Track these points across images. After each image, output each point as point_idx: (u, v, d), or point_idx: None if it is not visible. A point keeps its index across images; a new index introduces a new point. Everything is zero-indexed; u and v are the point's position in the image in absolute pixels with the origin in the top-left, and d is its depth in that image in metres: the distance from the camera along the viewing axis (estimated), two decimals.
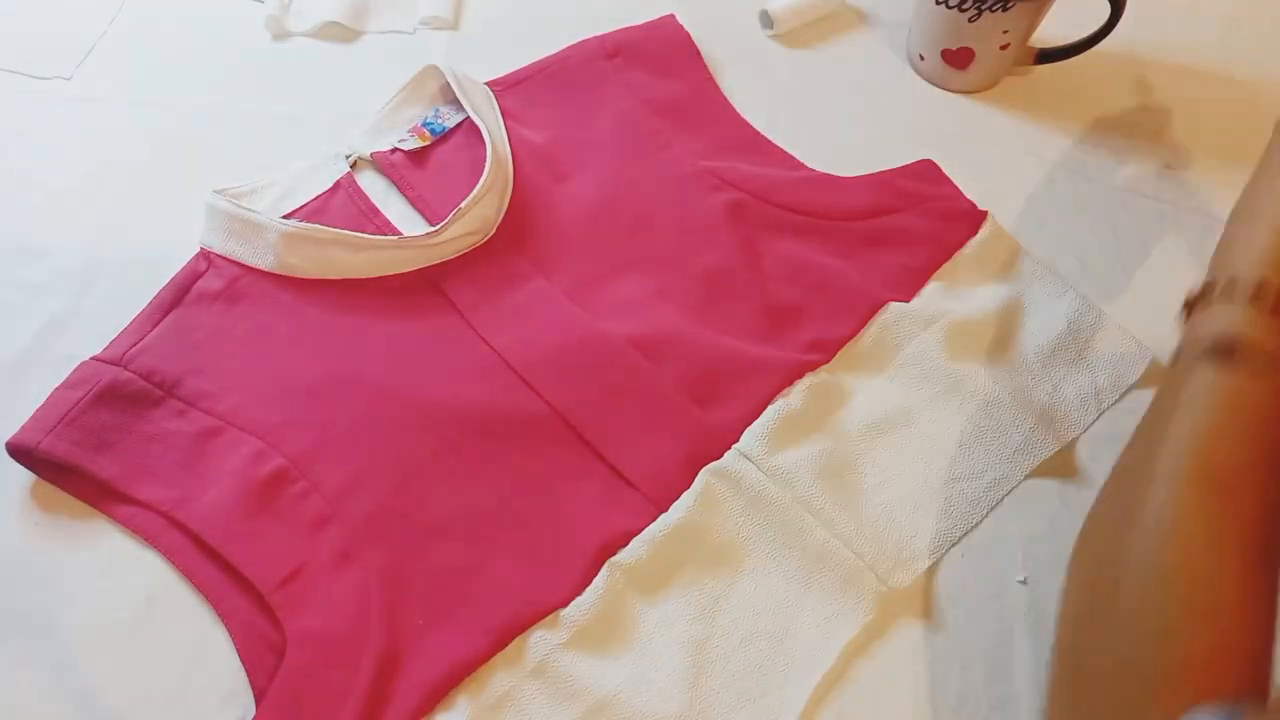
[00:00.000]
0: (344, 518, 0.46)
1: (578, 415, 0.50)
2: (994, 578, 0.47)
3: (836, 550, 0.46)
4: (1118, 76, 0.67)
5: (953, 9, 0.61)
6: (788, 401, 0.50)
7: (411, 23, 0.70)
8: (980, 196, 0.59)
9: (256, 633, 0.44)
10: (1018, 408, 0.51)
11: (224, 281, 0.54)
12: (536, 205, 0.58)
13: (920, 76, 0.67)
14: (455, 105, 0.63)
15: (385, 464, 0.48)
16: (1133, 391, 0.52)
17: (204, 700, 0.43)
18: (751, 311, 0.54)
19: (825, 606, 0.45)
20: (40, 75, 0.66)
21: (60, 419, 0.48)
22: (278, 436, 0.48)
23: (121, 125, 0.63)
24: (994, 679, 0.45)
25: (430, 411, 0.50)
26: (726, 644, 0.45)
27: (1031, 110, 0.65)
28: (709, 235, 0.56)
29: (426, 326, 0.53)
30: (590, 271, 0.56)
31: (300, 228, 0.54)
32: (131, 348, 0.51)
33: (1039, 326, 0.54)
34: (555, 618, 0.45)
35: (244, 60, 0.67)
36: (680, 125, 0.62)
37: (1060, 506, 0.49)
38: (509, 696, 0.43)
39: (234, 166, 0.60)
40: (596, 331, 0.52)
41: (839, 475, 0.49)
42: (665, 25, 0.67)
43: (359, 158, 0.61)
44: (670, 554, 0.46)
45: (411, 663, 0.43)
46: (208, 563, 0.46)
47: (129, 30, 0.69)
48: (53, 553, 0.47)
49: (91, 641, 0.45)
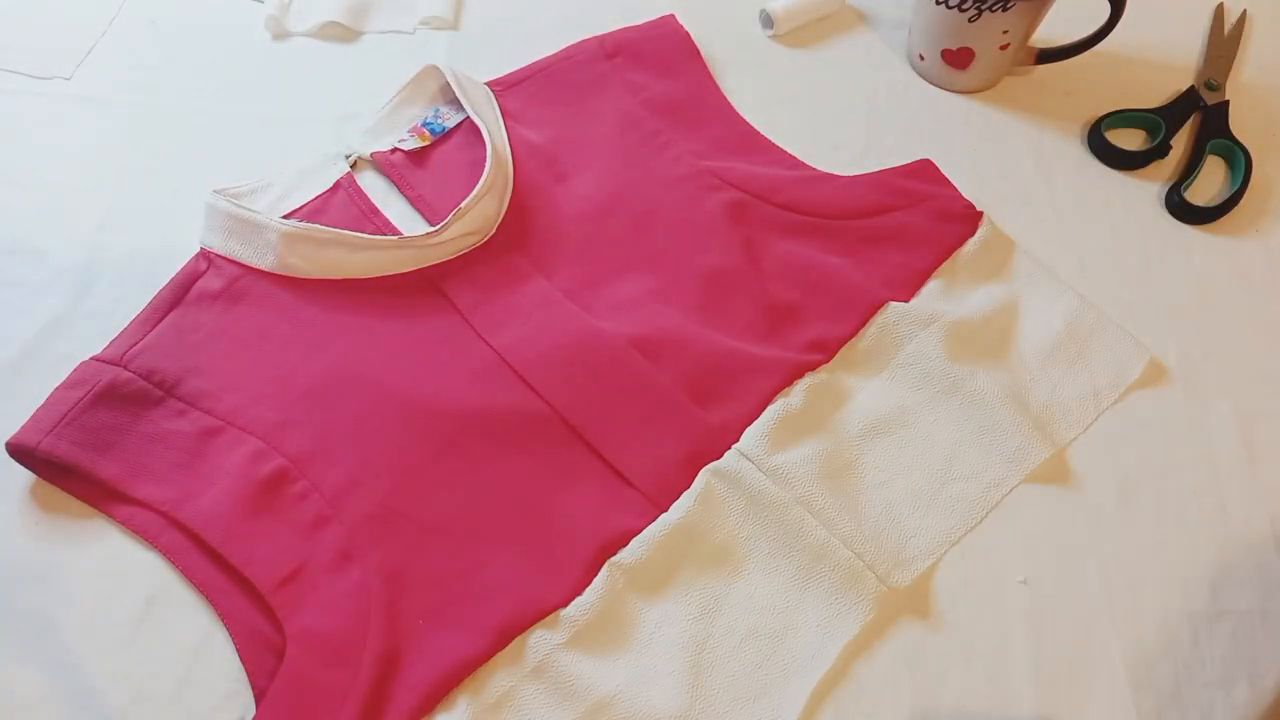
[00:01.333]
0: (344, 517, 0.46)
1: (578, 415, 0.50)
2: (994, 578, 0.47)
3: (836, 550, 0.46)
4: (1118, 76, 0.67)
5: (953, 9, 0.61)
6: (788, 401, 0.50)
7: (411, 23, 0.70)
8: (980, 196, 0.59)
9: (256, 633, 0.44)
10: (1017, 408, 0.51)
11: (224, 281, 0.54)
12: (536, 205, 0.58)
13: (920, 76, 0.67)
14: (455, 105, 0.63)
15: (385, 464, 0.48)
16: (1132, 391, 0.53)
17: (204, 700, 0.43)
18: (751, 311, 0.54)
19: (825, 606, 0.45)
20: (40, 75, 0.65)
21: (60, 419, 0.48)
22: (277, 436, 0.48)
23: (121, 125, 0.63)
24: (994, 679, 0.45)
25: (430, 411, 0.50)
26: (726, 644, 0.45)
27: (1031, 110, 0.65)
28: (709, 235, 0.56)
29: (426, 326, 0.53)
30: (590, 271, 0.56)
31: (300, 228, 0.54)
32: (131, 348, 0.51)
33: (1037, 326, 0.54)
34: (555, 618, 0.45)
35: (244, 60, 0.67)
36: (680, 125, 0.62)
37: (1060, 506, 0.49)
38: (509, 696, 0.43)
39: (234, 166, 0.60)
40: (597, 331, 0.52)
41: (839, 475, 0.49)
42: (665, 25, 0.67)
43: (359, 158, 0.61)
44: (670, 554, 0.46)
45: (411, 663, 0.43)
46: (208, 563, 0.46)
47: (129, 30, 0.68)
48: (53, 553, 0.47)
49: (91, 641, 0.45)
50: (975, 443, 0.50)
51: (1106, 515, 0.49)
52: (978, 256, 0.57)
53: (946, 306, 0.54)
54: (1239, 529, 0.49)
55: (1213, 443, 0.51)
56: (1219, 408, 0.52)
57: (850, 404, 0.52)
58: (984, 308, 0.54)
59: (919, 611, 0.46)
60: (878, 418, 0.51)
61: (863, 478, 0.49)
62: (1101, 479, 0.50)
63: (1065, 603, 0.46)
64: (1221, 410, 0.52)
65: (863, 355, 0.53)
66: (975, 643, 0.45)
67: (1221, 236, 0.59)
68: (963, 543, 0.48)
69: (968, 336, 0.53)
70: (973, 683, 0.44)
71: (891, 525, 0.48)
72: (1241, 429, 0.52)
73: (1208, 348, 0.55)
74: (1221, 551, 0.48)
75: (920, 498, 0.49)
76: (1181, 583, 0.47)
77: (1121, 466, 0.50)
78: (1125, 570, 0.47)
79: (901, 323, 0.53)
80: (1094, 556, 0.48)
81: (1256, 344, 0.55)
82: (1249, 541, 0.48)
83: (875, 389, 0.52)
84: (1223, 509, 0.49)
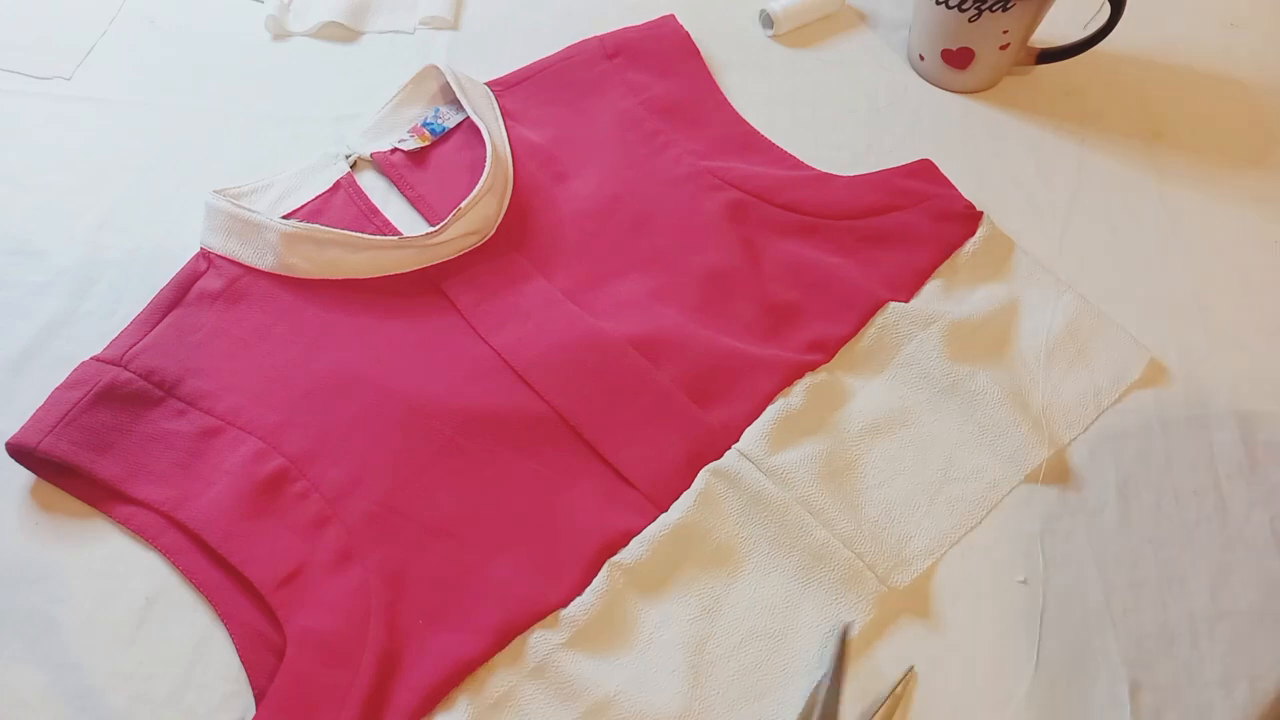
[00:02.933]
0: (344, 517, 0.46)
1: (578, 415, 0.50)
2: (994, 578, 0.47)
3: (836, 550, 0.46)
4: (1118, 76, 0.67)
5: (953, 9, 0.61)
6: (788, 401, 0.50)
7: (411, 23, 0.70)
8: (980, 196, 0.59)
9: (256, 633, 0.44)
10: (1017, 408, 0.51)
11: (224, 281, 0.54)
12: (536, 205, 0.58)
13: (920, 76, 0.67)
14: (455, 105, 0.63)
15: (385, 464, 0.48)
16: (1132, 391, 0.53)
17: (204, 700, 0.43)
18: (751, 311, 0.54)
19: (825, 606, 0.45)
20: (40, 75, 0.66)
21: (60, 419, 0.48)
22: (277, 436, 0.48)
23: (121, 125, 0.63)
24: (994, 679, 0.45)
25: (430, 411, 0.50)
26: (726, 644, 0.45)
27: (1031, 110, 0.65)
28: (709, 235, 0.56)
29: (426, 326, 0.53)
30: (590, 271, 0.56)
31: (300, 228, 0.54)
32: (131, 348, 0.51)
33: (1037, 326, 0.54)
34: (555, 617, 0.45)
35: (244, 60, 0.67)
36: (680, 125, 0.62)
37: (1060, 507, 0.49)
38: (509, 696, 0.43)
39: (234, 166, 0.60)
40: (596, 331, 0.52)
41: (839, 475, 0.49)
42: (665, 25, 0.68)
43: (359, 158, 0.61)
44: (670, 554, 0.46)
45: (411, 662, 0.43)
46: (208, 563, 0.46)
47: (129, 30, 0.69)
48: (53, 553, 0.47)
49: (91, 641, 0.45)
50: (975, 443, 0.50)
51: (1106, 515, 0.49)
52: (978, 256, 0.57)
53: (946, 306, 0.54)
54: (1239, 529, 0.49)
55: (1213, 443, 0.51)
56: (1219, 408, 0.52)
57: (850, 404, 0.52)
58: (984, 308, 0.54)
59: (919, 611, 0.46)
60: (878, 418, 0.51)
61: (863, 478, 0.49)
62: (1101, 479, 0.50)
63: (1065, 603, 0.46)
64: (1221, 410, 0.52)
65: (863, 355, 0.53)
66: (975, 643, 0.45)
67: (1222, 236, 0.59)
68: (963, 543, 0.48)
69: (968, 336, 0.53)
70: (973, 683, 0.44)
71: (891, 525, 0.48)
72: (1241, 429, 0.52)
73: (1208, 348, 0.55)
74: (1221, 551, 0.48)
75: (920, 498, 0.49)
76: (1181, 583, 0.47)
77: (1121, 466, 0.50)
78: (1125, 570, 0.47)
79: (901, 323, 0.53)
80: (1094, 556, 0.48)
81: (1256, 344, 0.55)
82: (1249, 541, 0.48)
83: (875, 389, 0.52)
84: (1223, 509, 0.49)
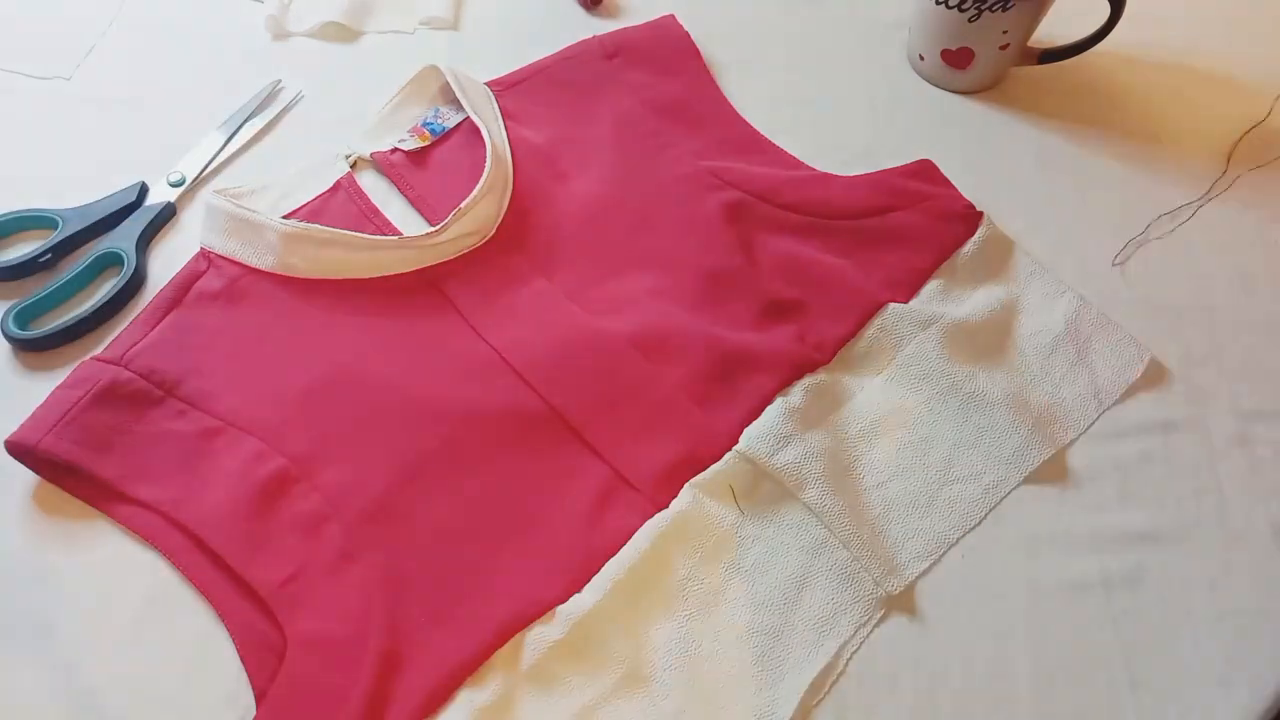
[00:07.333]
0: (344, 518, 0.46)
1: (578, 415, 0.50)
2: (994, 578, 0.47)
3: (835, 550, 0.46)
4: (1118, 76, 0.67)
5: (953, 9, 0.61)
6: (787, 401, 0.50)
7: (411, 23, 0.70)
8: (980, 196, 0.59)
9: (256, 633, 0.44)
10: (1016, 408, 0.51)
11: (224, 281, 0.54)
12: (536, 205, 0.58)
13: (920, 76, 0.67)
14: (455, 105, 0.63)
15: (385, 464, 0.48)
16: (1132, 391, 0.53)
17: (204, 700, 0.43)
18: (751, 311, 0.54)
19: (823, 606, 0.45)
20: (40, 75, 0.65)
21: (60, 418, 0.48)
22: (278, 437, 0.48)
23: (121, 125, 0.63)
24: (994, 679, 0.45)
25: (430, 411, 0.50)
26: (723, 642, 0.45)
27: (1031, 110, 0.65)
28: (709, 235, 0.56)
29: (427, 326, 0.53)
30: (590, 271, 0.56)
31: (300, 228, 0.54)
32: (132, 347, 0.51)
33: (1037, 327, 0.54)
34: (553, 615, 0.45)
35: (244, 60, 0.67)
36: (680, 125, 0.62)
37: (1060, 507, 0.49)
38: (507, 694, 0.43)
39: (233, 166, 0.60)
40: (597, 331, 0.52)
41: (838, 475, 0.49)
42: (665, 25, 0.68)
43: (359, 158, 0.61)
44: (668, 552, 0.46)
45: (412, 663, 0.43)
46: (208, 563, 0.45)
47: (129, 30, 0.69)
48: (53, 553, 0.47)
49: (91, 641, 0.44)
50: (975, 443, 0.50)
51: (1106, 515, 0.49)
52: (978, 257, 0.57)
53: (946, 307, 0.54)
54: (1239, 529, 0.49)
55: (1213, 443, 0.51)
56: (1219, 408, 0.52)
57: (850, 404, 0.52)
58: (984, 308, 0.54)
59: (918, 612, 0.46)
60: (877, 418, 0.51)
61: (862, 478, 0.49)
62: (1101, 479, 0.50)
63: (1065, 603, 0.46)
64: (1221, 410, 0.52)
65: (862, 355, 0.53)
66: (975, 643, 0.45)
67: (1221, 237, 0.59)
68: (962, 543, 0.48)
69: (967, 337, 0.53)
70: (973, 683, 0.44)
71: (891, 525, 0.48)
72: (1241, 429, 0.52)
73: (1208, 348, 0.55)
74: (1221, 551, 0.48)
75: (919, 498, 0.49)
76: (1181, 583, 0.47)
77: (1121, 466, 0.50)
78: (1125, 570, 0.47)
79: (901, 323, 0.53)
80: (1094, 556, 0.48)
81: (1256, 344, 0.55)
82: (1249, 541, 0.48)
83: (875, 389, 0.52)
84: (1223, 509, 0.49)
